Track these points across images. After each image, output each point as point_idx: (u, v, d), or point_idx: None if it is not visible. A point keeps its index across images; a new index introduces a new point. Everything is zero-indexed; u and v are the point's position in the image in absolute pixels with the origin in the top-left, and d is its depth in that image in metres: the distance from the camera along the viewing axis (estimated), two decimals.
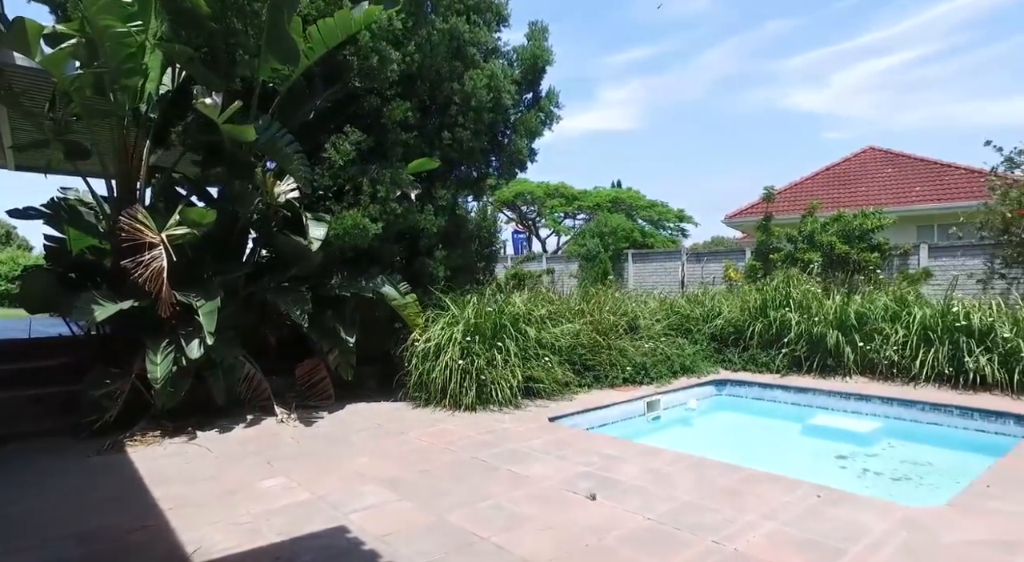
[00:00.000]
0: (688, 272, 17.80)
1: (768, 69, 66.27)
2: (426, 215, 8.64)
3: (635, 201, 29.99)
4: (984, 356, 7.54)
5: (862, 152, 27.10)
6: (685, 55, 67.10)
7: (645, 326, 9.58)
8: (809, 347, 8.99)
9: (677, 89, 71.81)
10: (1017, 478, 4.71)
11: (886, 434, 7.09)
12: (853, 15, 57.16)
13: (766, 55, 64.69)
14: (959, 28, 58.39)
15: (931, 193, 22.65)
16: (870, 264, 13.90)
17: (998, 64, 59.51)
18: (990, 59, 58.62)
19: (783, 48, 63.97)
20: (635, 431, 7.52)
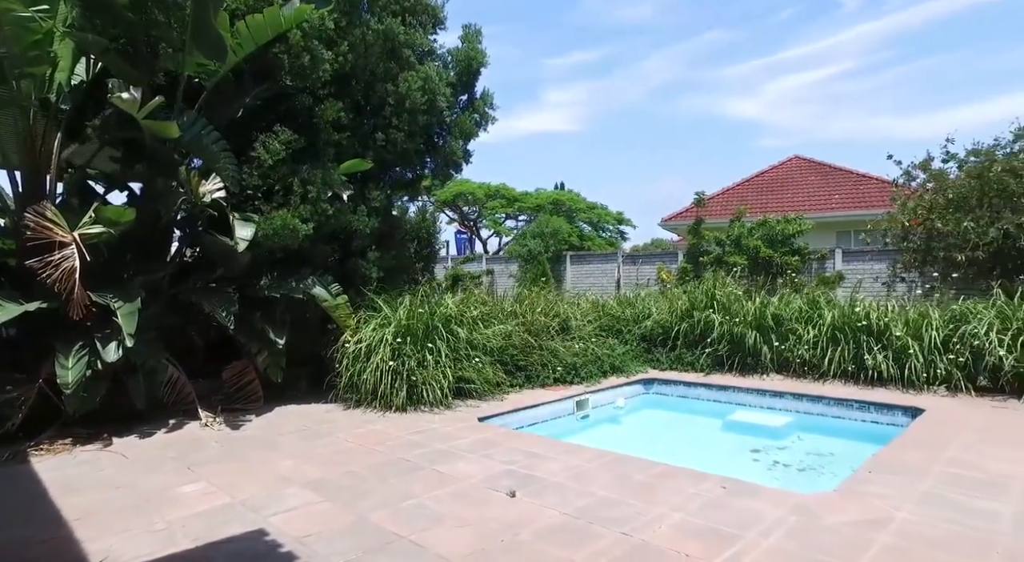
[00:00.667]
0: (624, 274, 18.31)
1: (706, 77, 68.71)
2: (359, 216, 8.59)
3: (575, 203, 30.52)
4: (881, 354, 8.15)
5: (788, 160, 28.44)
6: (628, 60, 68.77)
7: (577, 327, 9.84)
8: (731, 347, 9.46)
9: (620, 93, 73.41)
10: (893, 463, 5.14)
11: (797, 428, 7.55)
12: (785, 29, 60.01)
13: (704, 64, 67.05)
14: (878, 47, 62.17)
15: (849, 201, 24.05)
16: (791, 267, 14.72)
17: (912, 82, 63.72)
18: (905, 77, 62.72)
19: (720, 58, 66.46)
20: (564, 430, 7.73)
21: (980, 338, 7.51)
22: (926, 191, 11.84)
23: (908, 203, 12.33)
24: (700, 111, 72.84)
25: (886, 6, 54.24)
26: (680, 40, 65.35)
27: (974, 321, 7.76)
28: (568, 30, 64.81)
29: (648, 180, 79.17)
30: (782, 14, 58.14)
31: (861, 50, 61.63)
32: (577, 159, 77.95)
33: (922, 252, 11.70)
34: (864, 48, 61.33)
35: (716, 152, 77.32)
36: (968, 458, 5.28)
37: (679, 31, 63.77)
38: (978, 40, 58.45)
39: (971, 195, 10.85)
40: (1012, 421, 6.57)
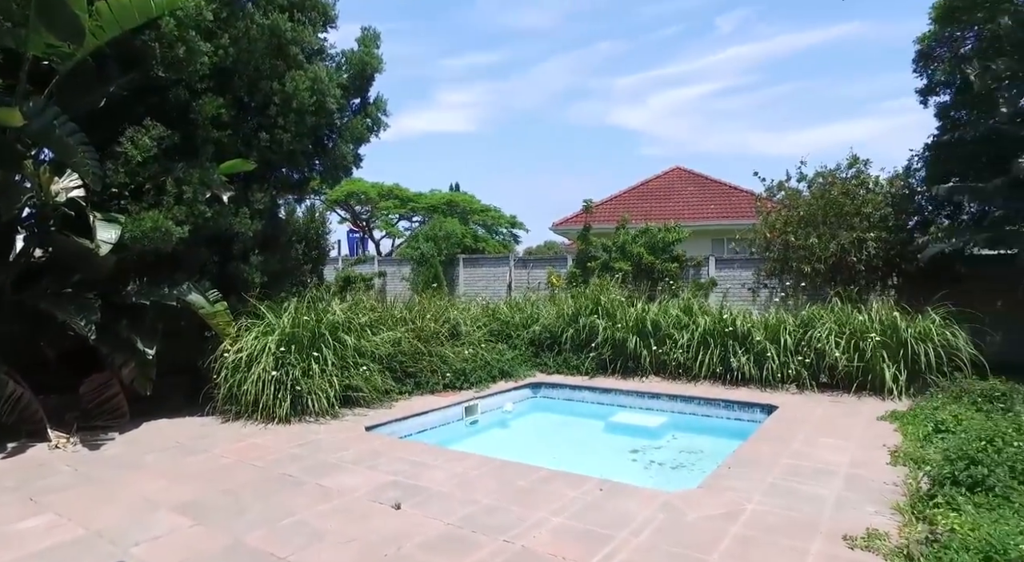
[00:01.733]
0: (515, 277, 18.67)
1: (598, 85, 71.46)
2: (241, 218, 8.18)
3: (470, 205, 30.71)
4: (744, 356, 8.98)
5: (670, 171, 30.19)
6: (524, 65, 70.03)
7: (467, 332, 9.96)
8: (614, 351, 9.98)
9: (516, 97, 74.64)
10: (748, 458, 5.71)
11: (672, 427, 8.12)
12: (670, 45, 63.74)
13: (597, 73, 69.68)
14: (749, 70, 67.80)
15: (723, 211, 25.98)
16: (670, 273, 15.70)
17: (779, 103, 69.95)
18: (772, 98, 68.79)
19: (611, 68, 69.39)
20: (453, 436, 7.82)
21: (822, 341, 8.49)
22: (784, 207, 13.12)
23: (769, 217, 13.59)
24: (592, 118, 75.77)
25: (754, 33, 59.30)
26: (574, 48, 67.62)
27: (818, 326, 8.75)
28: (464, 30, 65.04)
29: (542, 183, 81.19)
30: (668, 30, 61.86)
31: (734, 71, 66.94)
32: (472, 160, 78.48)
33: (780, 262, 12.95)
34: (737, 69, 66.71)
35: (605, 158, 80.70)
36: (806, 450, 5.96)
37: (574, 39, 66.03)
38: (831, 70, 65.22)
39: (817, 213, 12.17)
40: (842, 413, 7.48)
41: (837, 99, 64.64)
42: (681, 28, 61.31)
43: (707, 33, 60.30)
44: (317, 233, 11.03)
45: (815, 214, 12.21)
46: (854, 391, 8.30)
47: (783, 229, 12.53)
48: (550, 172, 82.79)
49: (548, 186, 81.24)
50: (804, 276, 11.88)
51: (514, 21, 60.27)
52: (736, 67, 66.31)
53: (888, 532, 3.92)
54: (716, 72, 66.73)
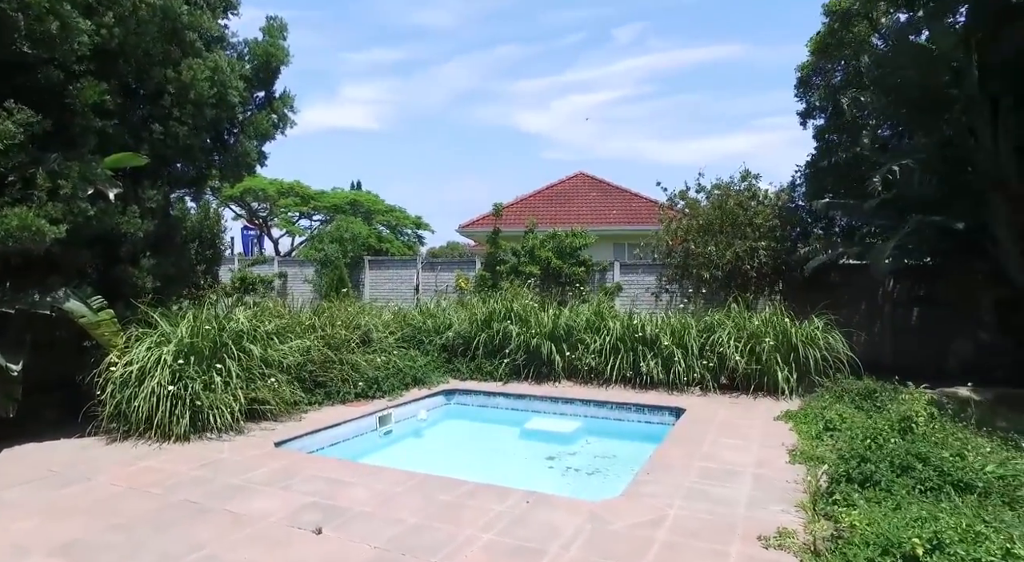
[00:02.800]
0: (423, 280, 18.40)
1: (502, 89, 72.01)
2: (130, 217, 7.45)
3: (374, 205, 29.91)
4: (653, 360, 9.36)
5: (574, 176, 30.97)
6: (428, 64, 69.20)
7: (378, 339, 9.67)
8: (527, 356, 10.07)
9: (420, 96, 73.66)
10: (664, 463, 5.94)
11: (585, 432, 8.30)
12: (572, 53, 65.43)
13: (501, 76, 70.22)
14: (644, 81, 70.99)
15: (624, 216, 26.99)
16: (578, 278, 16.08)
17: (669, 114, 73.67)
18: (664, 109, 72.32)
19: (515, 71, 70.16)
20: (368, 447, 7.55)
21: (724, 345, 9.03)
22: (684, 216, 13.85)
23: (671, 225, 14.29)
24: (495, 121, 76.29)
25: (648, 46, 62.29)
26: (478, 50, 67.76)
27: (719, 330, 9.30)
28: (368, 26, 63.32)
29: (446, 184, 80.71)
30: (568, 39, 63.48)
31: (630, 81, 69.90)
32: (374, 159, 76.51)
33: (681, 268, 13.65)
34: (633, 80, 69.72)
35: (508, 161, 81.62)
36: (714, 452, 6.30)
37: (478, 41, 66.11)
38: (716, 85, 69.62)
39: (714, 222, 12.95)
40: (741, 413, 7.99)
41: (721, 113, 69.28)
42: (581, 37, 63.21)
43: (605, 43, 62.54)
44: (212, 231, 10.29)
45: (713, 223, 12.98)
46: (751, 392, 8.89)
47: (684, 237, 13.21)
48: (453, 173, 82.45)
49: (452, 187, 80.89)
50: (703, 282, 12.59)
51: (418, 19, 59.48)
52: (632, 78, 69.32)
53: (795, 530, 4.21)
54: (614, 81, 69.40)
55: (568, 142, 77.60)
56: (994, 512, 3.87)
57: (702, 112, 68.64)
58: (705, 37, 60.91)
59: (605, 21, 62.91)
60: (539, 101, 73.82)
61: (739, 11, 55.68)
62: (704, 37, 61.96)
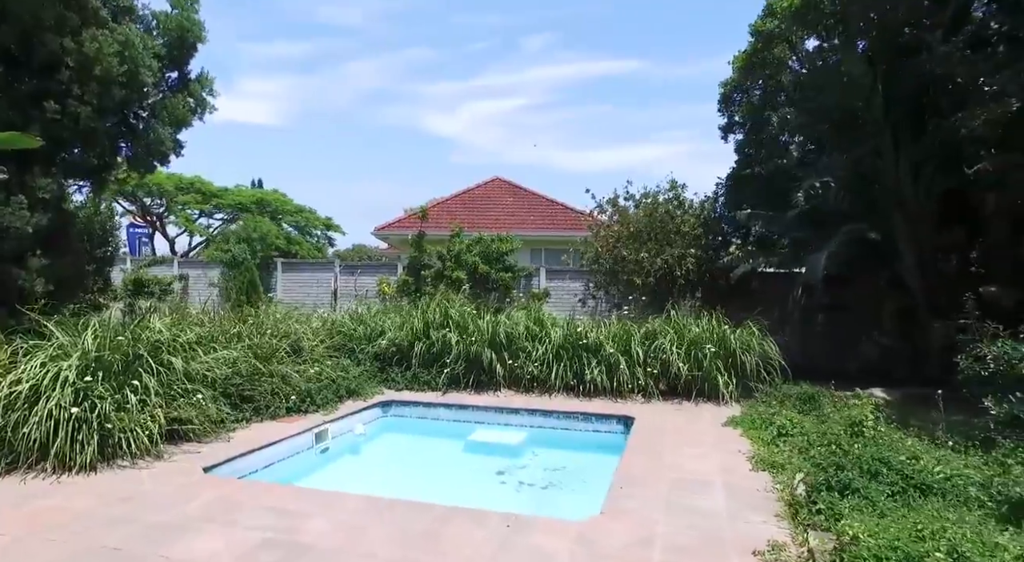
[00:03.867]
0: (342, 284, 17.51)
1: (409, 90, 70.72)
2: (15, 209, 6.40)
3: (282, 205, 28.24)
4: (597, 368, 9.29)
5: (491, 181, 30.83)
6: (334, 60, 66.65)
7: (308, 348, 8.94)
8: (467, 365, 9.69)
9: (325, 93, 70.85)
10: (634, 475, 5.82)
11: (532, 443, 8.05)
12: (479, 59, 65.38)
13: (409, 77, 68.87)
14: (552, 90, 72.37)
15: (542, 223, 27.15)
16: (504, 284, 15.89)
17: (576, 124, 75.34)
18: (571, 119, 73.99)
19: (424, 74, 69.19)
20: (306, 467, 6.91)
21: (668, 352, 9.13)
22: (615, 224, 14.04)
23: (601, 232, 14.45)
24: (403, 122, 74.92)
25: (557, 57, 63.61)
26: (387, 50, 66.13)
27: (661, 338, 9.40)
28: (269, 17, 60.04)
29: (352, 185, 78.15)
30: (480, 44, 63.44)
31: (539, 89, 71.06)
32: (276, 156, 72.69)
33: (610, 274, 13.82)
34: (542, 88, 70.95)
35: (417, 164, 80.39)
36: (677, 461, 6.27)
37: (387, 41, 64.41)
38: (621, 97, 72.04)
39: (645, 230, 13.22)
40: (689, 420, 8.09)
41: (625, 125, 71.82)
42: (491, 44, 63.39)
43: (514, 52, 63.11)
44: (103, 228, 9.18)
45: (643, 231, 13.23)
46: (693, 398, 9.03)
47: (615, 244, 13.36)
48: (360, 174, 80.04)
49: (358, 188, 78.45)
50: (635, 288, 12.78)
51: (324, 15, 57.03)
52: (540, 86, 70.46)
53: (785, 542, 4.18)
54: (522, 89, 70.26)
55: (477, 147, 77.65)
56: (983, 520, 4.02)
57: (607, 123, 71.00)
58: (610, 51, 63.06)
59: (514, 30, 63.52)
60: (448, 105, 73.25)
61: (642, 28, 58.15)
62: (609, 51, 64.13)
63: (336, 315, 11.28)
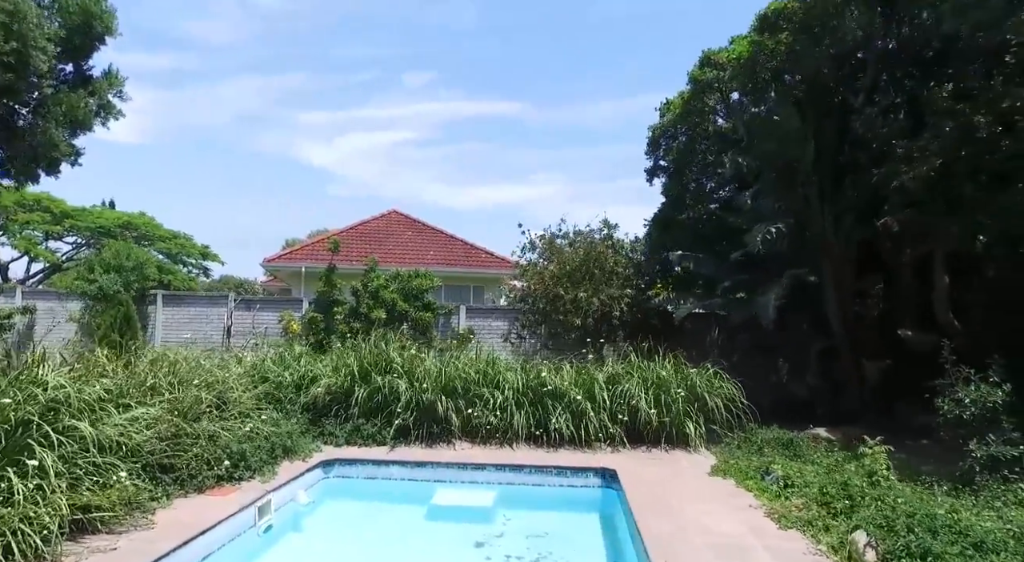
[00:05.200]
0: (237, 321, 15.50)
1: (285, 116, 67.32)
2: None
3: (153, 230, 24.99)
4: (562, 416, 8.63)
5: (388, 213, 29.74)
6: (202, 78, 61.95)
7: (235, 399, 7.45)
8: (417, 414, 8.62)
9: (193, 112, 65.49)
10: (664, 541, 5.14)
11: (504, 503, 7.16)
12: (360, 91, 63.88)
13: (284, 103, 65.60)
14: (432, 126, 72.44)
15: (441, 258, 26.38)
16: (425, 322, 14.89)
17: (459, 161, 75.36)
18: (454, 155, 74.02)
19: (299, 101, 66.23)
20: (248, 553, 5.55)
21: (636, 397, 8.69)
22: (551, 262, 13.68)
23: (529, 271, 14.04)
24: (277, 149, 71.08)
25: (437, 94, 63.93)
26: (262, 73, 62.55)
27: (625, 382, 8.97)
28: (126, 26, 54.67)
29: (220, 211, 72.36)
30: (361, 76, 61.94)
31: (420, 125, 70.84)
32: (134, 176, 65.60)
33: (543, 313, 13.36)
34: (423, 124, 70.77)
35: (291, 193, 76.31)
36: (696, 519, 5.75)
37: (262, 64, 60.99)
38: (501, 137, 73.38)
39: (580, 270, 12.97)
40: (671, 471, 7.63)
41: (503, 164, 72.97)
42: (372, 76, 62.31)
43: (396, 86, 62.54)
44: None
45: (578, 269, 12.97)
46: (662, 445, 8.62)
47: (551, 282, 12.96)
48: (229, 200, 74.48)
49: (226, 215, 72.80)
50: (573, 328, 12.40)
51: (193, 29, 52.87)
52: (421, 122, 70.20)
53: None
54: (402, 124, 69.53)
55: (354, 179, 75.43)
56: None
57: (486, 161, 72.09)
58: (490, 92, 64.39)
59: (396, 64, 63.15)
60: (326, 135, 70.77)
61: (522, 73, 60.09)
62: (489, 92, 65.45)
63: (251, 357, 9.67)
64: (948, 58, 10.09)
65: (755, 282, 11.27)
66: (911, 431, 10.03)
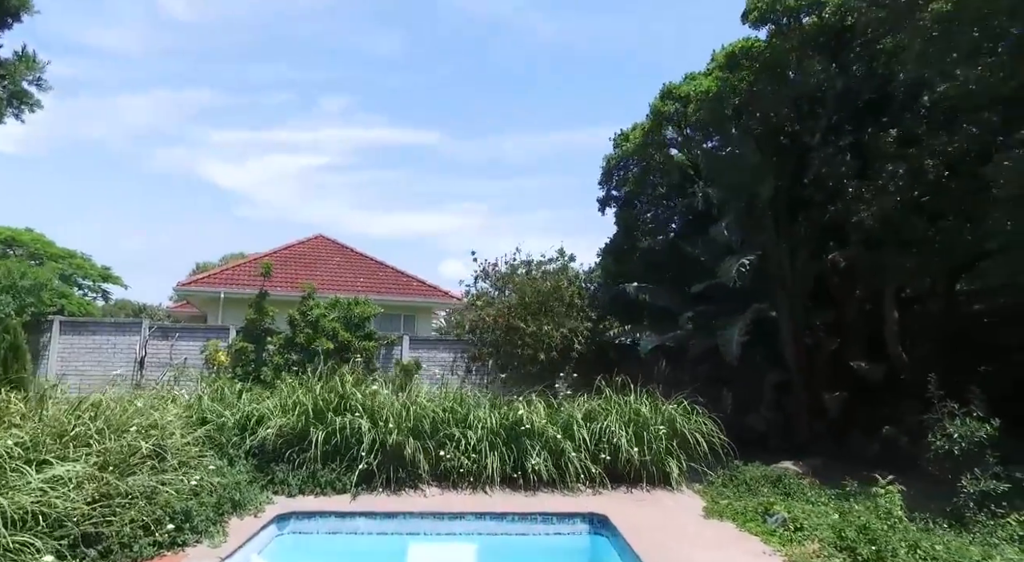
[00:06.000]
0: (152, 351, 13.85)
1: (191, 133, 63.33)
2: None
3: (43, 247, 22.29)
4: (540, 456, 8.02)
5: (314, 238, 28.40)
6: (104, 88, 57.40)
7: (175, 446, 6.33)
8: (381, 457, 7.73)
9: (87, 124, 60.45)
10: None
11: (486, 557, 6.49)
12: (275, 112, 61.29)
13: (190, 119, 61.71)
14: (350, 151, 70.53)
15: (372, 285, 25.29)
16: (368, 352, 13.93)
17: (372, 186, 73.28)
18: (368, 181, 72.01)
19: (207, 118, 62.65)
20: None
21: (617, 435, 8.23)
22: (503, 292, 13.16)
23: (477, 302, 13.49)
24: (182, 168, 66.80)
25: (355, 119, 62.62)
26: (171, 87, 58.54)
27: (602, 419, 8.50)
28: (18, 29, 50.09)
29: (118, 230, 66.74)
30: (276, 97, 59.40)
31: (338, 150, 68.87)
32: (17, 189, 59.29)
33: (495, 345, 12.76)
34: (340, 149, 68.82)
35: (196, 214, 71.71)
36: None
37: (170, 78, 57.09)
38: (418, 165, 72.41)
39: (536, 302, 12.51)
40: (664, 514, 7.20)
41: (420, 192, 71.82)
42: (288, 98, 59.94)
43: (313, 109, 60.50)
44: None
45: (534, 302, 12.52)
46: (644, 486, 8.17)
47: (509, 314, 12.43)
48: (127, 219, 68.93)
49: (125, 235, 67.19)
50: (536, 362, 11.90)
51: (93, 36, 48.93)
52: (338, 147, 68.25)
53: None
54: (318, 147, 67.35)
55: (264, 202, 72.08)
56: None
57: (403, 189, 70.95)
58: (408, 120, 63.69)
59: (314, 87, 61.20)
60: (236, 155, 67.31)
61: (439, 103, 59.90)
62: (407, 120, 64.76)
63: (186, 395, 8.42)
64: (891, 104, 10.68)
65: (716, 314, 11.27)
66: (866, 461, 10.21)
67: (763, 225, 11.30)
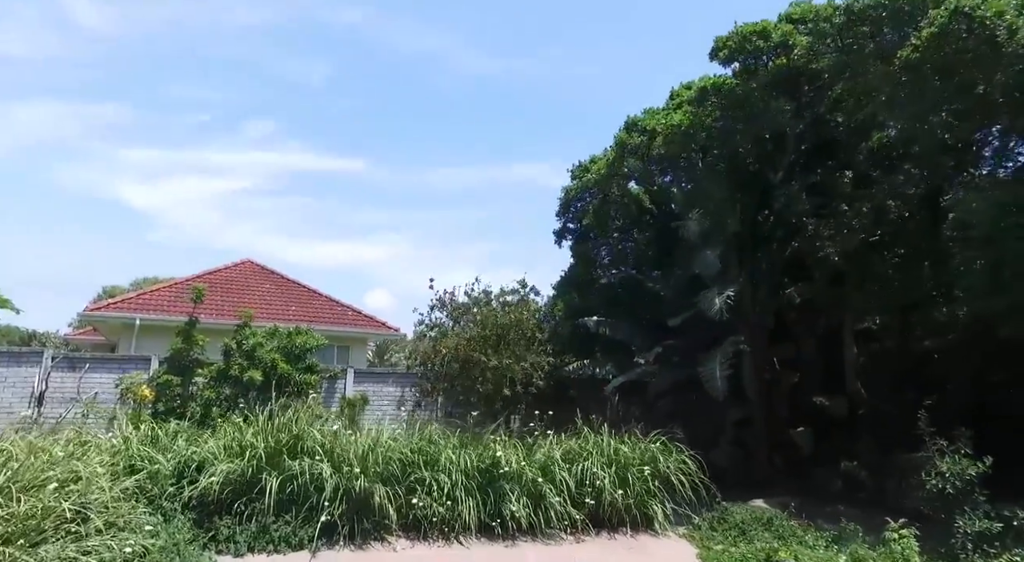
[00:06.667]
0: (55, 384, 12.14)
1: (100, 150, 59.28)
2: None
3: None
4: (520, 502, 7.35)
5: (242, 263, 26.78)
6: None
7: (101, 503, 5.25)
8: (345, 506, 6.83)
9: None
10: None
11: None
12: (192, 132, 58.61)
13: (98, 135, 57.84)
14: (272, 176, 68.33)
15: (304, 314, 23.85)
16: (308, 386, 12.85)
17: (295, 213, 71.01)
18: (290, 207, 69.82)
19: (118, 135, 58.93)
20: None
21: (599, 477, 7.70)
22: (458, 324, 12.50)
23: (431, 332, 12.80)
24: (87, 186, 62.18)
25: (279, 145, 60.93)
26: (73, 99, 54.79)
27: (582, 460, 7.95)
28: None
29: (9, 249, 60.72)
30: (194, 117, 56.79)
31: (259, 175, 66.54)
32: None
33: (458, 378, 12.03)
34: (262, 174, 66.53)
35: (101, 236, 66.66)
36: None
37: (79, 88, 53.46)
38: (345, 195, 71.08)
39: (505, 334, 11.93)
40: None
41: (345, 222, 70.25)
42: (207, 119, 57.56)
43: (234, 132, 58.38)
44: None
45: (491, 335, 11.95)
46: (628, 531, 7.64)
47: (467, 346, 11.77)
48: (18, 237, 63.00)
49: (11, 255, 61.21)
50: (499, 397, 11.25)
51: None
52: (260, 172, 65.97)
53: None
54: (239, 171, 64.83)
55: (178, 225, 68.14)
56: None
57: (327, 217, 69.19)
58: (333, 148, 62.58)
59: (235, 110, 59.14)
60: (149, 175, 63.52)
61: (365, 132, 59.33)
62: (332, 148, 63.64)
63: (111, 439, 7.17)
64: (843, 146, 11.07)
65: (686, 349, 11.11)
66: (831, 496, 10.20)
67: (730, 260, 11.31)
